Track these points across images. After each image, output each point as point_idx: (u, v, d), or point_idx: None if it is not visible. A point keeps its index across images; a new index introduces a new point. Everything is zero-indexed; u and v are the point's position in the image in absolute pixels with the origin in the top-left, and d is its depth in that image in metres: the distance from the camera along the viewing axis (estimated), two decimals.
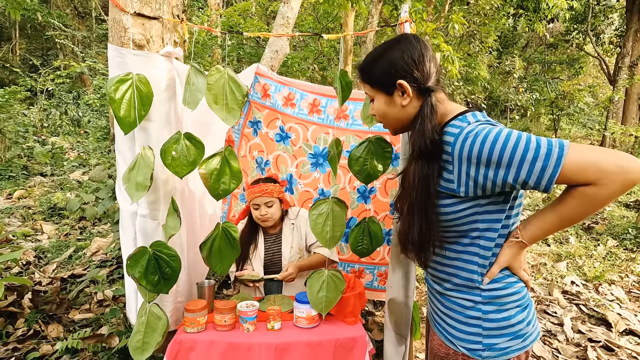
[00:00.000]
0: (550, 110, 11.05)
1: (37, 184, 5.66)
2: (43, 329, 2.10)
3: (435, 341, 1.07)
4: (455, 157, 0.92)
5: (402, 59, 0.98)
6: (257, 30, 7.51)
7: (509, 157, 0.84)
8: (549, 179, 0.82)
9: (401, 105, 1.01)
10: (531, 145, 0.83)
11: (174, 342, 1.44)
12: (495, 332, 0.97)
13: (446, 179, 0.95)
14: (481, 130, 0.89)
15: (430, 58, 1.00)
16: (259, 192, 1.93)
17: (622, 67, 10.05)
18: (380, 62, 1.02)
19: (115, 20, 1.40)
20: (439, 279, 1.06)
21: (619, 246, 4.50)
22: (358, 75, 1.10)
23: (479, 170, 0.88)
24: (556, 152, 0.81)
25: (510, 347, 0.97)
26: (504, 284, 0.98)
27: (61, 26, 10.67)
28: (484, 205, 0.94)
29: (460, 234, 0.99)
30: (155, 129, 1.49)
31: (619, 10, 11.31)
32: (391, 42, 1.04)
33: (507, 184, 0.87)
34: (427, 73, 0.99)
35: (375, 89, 1.05)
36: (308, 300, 1.53)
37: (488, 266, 0.98)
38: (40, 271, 2.91)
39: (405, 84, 0.98)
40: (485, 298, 0.98)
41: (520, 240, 0.95)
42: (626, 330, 2.80)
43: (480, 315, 0.98)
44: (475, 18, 7.19)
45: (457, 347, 1.00)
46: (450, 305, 1.03)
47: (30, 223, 4.18)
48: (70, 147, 8.09)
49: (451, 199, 0.95)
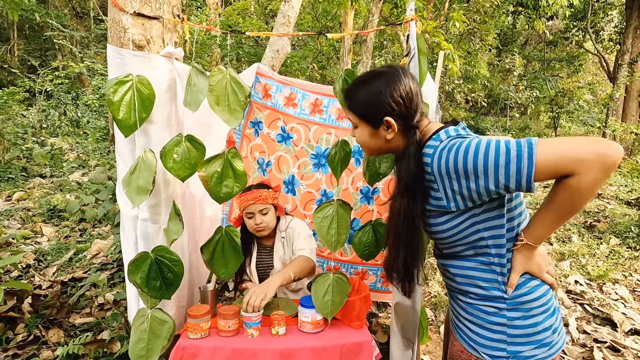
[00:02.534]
0: (550, 108, 11.04)
1: (36, 185, 5.63)
2: (43, 334, 2.07)
3: (456, 347, 1.05)
4: (435, 175, 0.94)
5: (391, 95, 0.98)
6: (257, 30, 7.48)
7: (484, 166, 0.86)
8: (527, 179, 0.83)
9: (385, 139, 1.03)
10: (501, 151, 0.84)
11: (177, 348, 1.41)
12: (521, 339, 0.95)
13: (435, 197, 0.97)
14: (452, 145, 0.91)
15: (417, 92, 1.01)
16: (253, 199, 1.79)
17: (622, 64, 10.02)
18: (368, 95, 1.02)
19: (114, 20, 1.37)
20: (461, 290, 1.05)
21: (621, 244, 4.48)
22: (344, 100, 1.11)
23: (461, 183, 0.90)
24: (526, 151, 0.82)
25: (535, 355, 0.95)
26: (528, 289, 0.96)
27: (59, 26, 10.63)
28: (480, 214, 0.94)
29: (468, 246, 0.98)
30: (155, 131, 1.46)
31: (618, 7, 11.28)
32: (380, 73, 1.03)
33: (490, 191, 0.88)
34: (414, 109, 1.00)
35: (360, 120, 1.06)
36: (313, 304, 1.50)
37: (507, 273, 0.96)
38: (40, 274, 2.88)
39: (392, 122, 0.99)
40: (510, 305, 0.96)
41: (525, 242, 0.93)
42: (632, 330, 2.78)
43: (505, 322, 0.96)
44: (475, 16, 7.17)
45: (480, 353, 0.98)
46: (473, 311, 1.01)
47: (30, 225, 4.15)
48: (69, 148, 8.05)
49: (446, 215, 0.96)
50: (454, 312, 1.09)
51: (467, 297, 1.02)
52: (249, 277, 1.94)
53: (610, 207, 5.90)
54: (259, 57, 5.40)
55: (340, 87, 1.40)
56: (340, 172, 1.48)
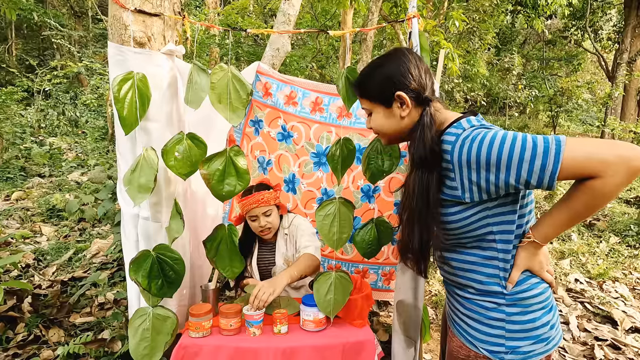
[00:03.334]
0: (549, 107, 11.04)
1: (35, 185, 5.61)
2: (44, 334, 2.06)
3: (455, 343, 1.05)
4: (455, 164, 0.92)
5: (399, 71, 1.00)
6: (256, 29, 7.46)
7: (507, 159, 0.84)
8: (551, 176, 0.82)
9: (400, 117, 1.02)
10: (527, 145, 0.83)
11: (178, 347, 1.41)
12: (519, 334, 0.96)
13: (450, 186, 0.96)
14: (477, 134, 0.90)
15: (425, 69, 1.02)
16: (255, 202, 1.78)
17: (621, 63, 10.04)
18: (377, 76, 1.03)
19: (115, 17, 1.36)
20: (460, 284, 1.04)
21: (621, 243, 4.49)
22: (355, 90, 1.11)
23: (480, 174, 0.88)
24: (553, 148, 0.81)
25: (533, 350, 0.96)
26: (527, 286, 0.97)
27: (57, 26, 10.59)
28: (493, 208, 0.93)
29: (476, 239, 0.97)
30: (157, 129, 1.45)
31: (617, 7, 11.30)
32: (385, 56, 1.06)
33: (510, 185, 0.86)
34: (424, 84, 1.01)
35: (373, 103, 1.06)
36: (315, 303, 1.50)
37: (510, 269, 0.96)
38: (39, 274, 2.87)
39: (404, 95, 0.99)
40: (509, 300, 0.96)
41: (533, 240, 0.93)
42: (632, 328, 2.78)
43: (504, 317, 0.96)
44: (475, 15, 7.17)
45: (479, 349, 0.98)
46: (471, 307, 1.01)
47: (29, 225, 4.14)
48: (68, 148, 8.03)
49: (458, 206, 0.95)
50: (452, 308, 1.09)
51: (466, 292, 1.02)
52: (250, 274, 1.94)
53: (610, 206, 5.91)
54: (259, 56, 5.40)
55: (343, 84, 1.39)
56: (342, 170, 1.47)
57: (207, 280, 1.95)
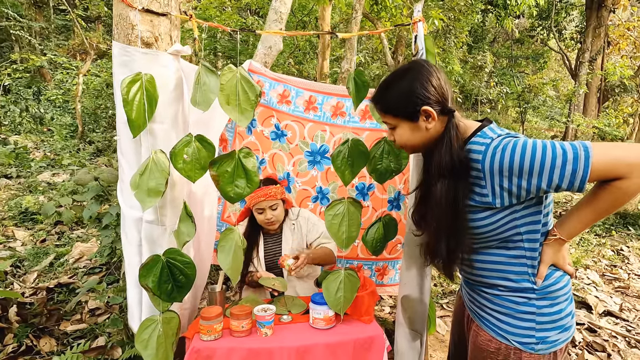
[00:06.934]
0: (518, 103, 11.50)
1: (2, 187, 5.29)
2: (35, 344, 1.97)
3: (483, 336, 1.09)
4: (486, 171, 0.96)
5: (423, 85, 1.01)
6: (234, 23, 7.32)
7: (540, 166, 0.90)
8: (581, 180, 0.89)
9: (426, 129, 1.05)
10: (557, 152, 0.89)
11: (191, 351, 1.39)
12: (548, 325, 1.02)
13: (480, 193, 0.99)
14: (507, 143, 0.94)
15: (445, 80, 1.05)
16: (263, 196, 1.88)
17: (583, 61, 10.59)
18: (399, 92, 1.04)
19: (121, 16, 1.31)
20: (486, 283, 1.09)
21: (589, 232, 4.78)
22: (376, 107, 1.11)
23: (512, 181, 0.93)
24: (582, 154, 0.88)
25: (559, 339, 1.03)
26: (554, 279, 1.03)
27: (16, 16, 9.95)
28: (520, 210, 0.98)
29: (504, 240, 1.02)
30: (163, 131, 1.42)
31: (579, 8, 11.89)
32: (404, 69, 1.07)
33: (541, 189, 0.93)
34: (446, 95, 1.03)
35: (398, 118, 1.07)
36: (325, 301, 1.52)
37: (537, 265, 1.02)
38: (19, 281, 2.73)
39: (430, 110, 1.01)
40: (539, 294, 1.02)
41: (559, 237, 1.00)
42: (605, 312, 2.99)
43: (535, 310, 1.02)
44: (450, 14, 7.34)
45: (510, 341, 1.04)
46: (501, 302, 1.06)
47: (0, 229, 3.91)
48: (34, 147, 7.60)
49: (488, 211, 1.00)
50: (476, 304, 1.13)
51: (495, 289, 1.07)
52: (255, 267, 1.96)
53: (576, 197, 6.26)
54: (236, 52, 5.30)
55: (353, 88, 1.41)
56: (354, 172, 1.48)
57: (211, 283, 1.93)
